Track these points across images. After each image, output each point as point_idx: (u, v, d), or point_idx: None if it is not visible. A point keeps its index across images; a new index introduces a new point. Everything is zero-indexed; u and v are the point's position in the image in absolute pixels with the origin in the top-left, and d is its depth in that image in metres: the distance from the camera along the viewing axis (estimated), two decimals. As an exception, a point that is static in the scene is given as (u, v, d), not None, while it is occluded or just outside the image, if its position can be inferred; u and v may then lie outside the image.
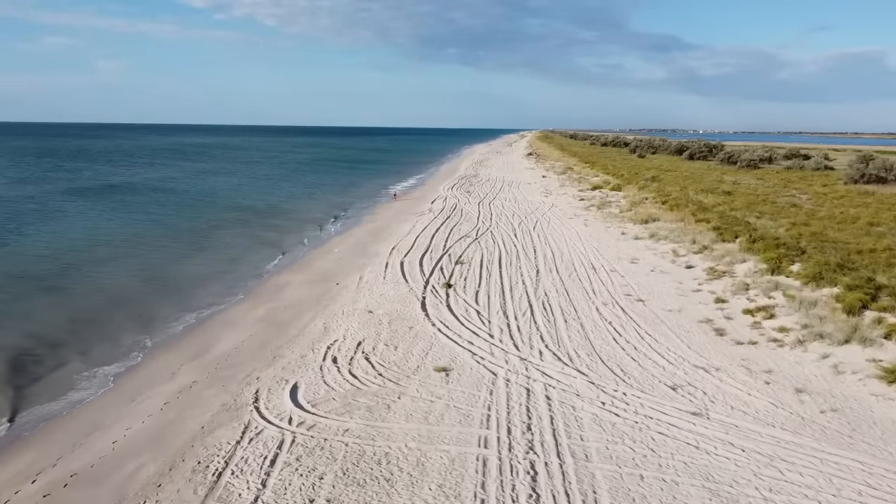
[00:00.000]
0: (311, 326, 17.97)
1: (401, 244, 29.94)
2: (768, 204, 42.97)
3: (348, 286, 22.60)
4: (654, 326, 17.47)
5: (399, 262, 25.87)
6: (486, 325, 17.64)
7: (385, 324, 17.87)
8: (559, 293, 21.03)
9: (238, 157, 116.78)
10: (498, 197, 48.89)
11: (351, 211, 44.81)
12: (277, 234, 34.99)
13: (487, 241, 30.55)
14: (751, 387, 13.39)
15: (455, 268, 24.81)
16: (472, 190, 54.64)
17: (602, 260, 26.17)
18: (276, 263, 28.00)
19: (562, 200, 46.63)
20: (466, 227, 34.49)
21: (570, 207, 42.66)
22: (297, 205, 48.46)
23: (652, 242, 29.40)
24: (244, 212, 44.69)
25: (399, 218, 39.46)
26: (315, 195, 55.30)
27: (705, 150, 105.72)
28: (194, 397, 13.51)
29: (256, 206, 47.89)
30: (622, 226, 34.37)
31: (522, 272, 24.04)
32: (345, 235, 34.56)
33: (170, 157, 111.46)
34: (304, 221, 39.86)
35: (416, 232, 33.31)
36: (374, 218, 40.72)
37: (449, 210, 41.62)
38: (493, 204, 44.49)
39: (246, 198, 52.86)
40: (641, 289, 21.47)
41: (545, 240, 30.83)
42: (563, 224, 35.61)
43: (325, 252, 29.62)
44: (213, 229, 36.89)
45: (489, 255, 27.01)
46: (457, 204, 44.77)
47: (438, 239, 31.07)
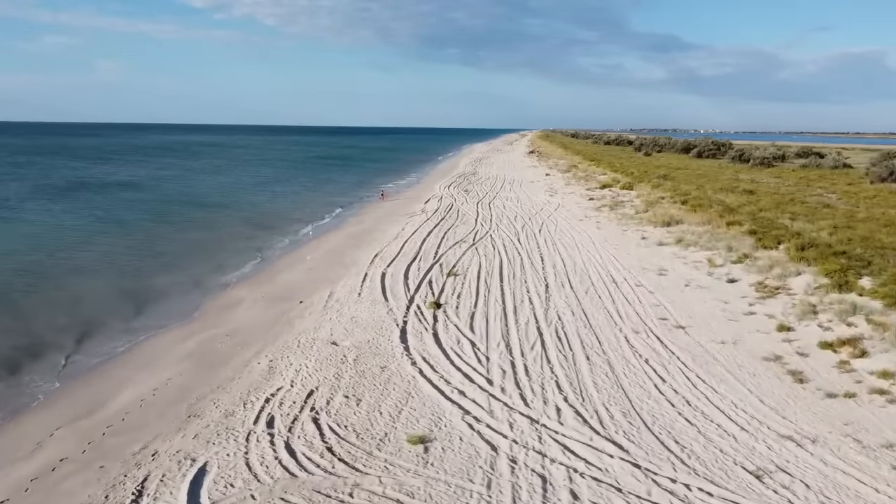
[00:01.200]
0: (252, 365, 13.62)
1: (385, 251, 25.60)
2: (798, 204, 38.66)
3: (313, 305, 18.25)
4: (706, 367, 13.13)
5: (380, 274, 21.54)
6: (483, 365, 13.29)
7: (350, 362, 13.52)
8: (576, 316, 16.69)
9: (230, 156, 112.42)
10: (499, 196, 44.55)
11: (336, 212, 40.45)
12: (247, 239, 30.64)
13: (486, 246, 26.23)
14: (875, 476, 9.05)
15: (447, 281, 20.49)
16: (470, 189, 50.29)
17: (623, 271, 21.84)
18: (237, 274, 23.60)
19: (569, 200, 42.28)
20: (463, 231, 30.15)
21: (579, 208, 38.31)
22: (279, 205, 44.10)
23: (679, 249, 25.05)
24: (219, 212, 40.37)
25: (387, 220, 35.11)
26: (301, 194, 50.96)
27: (713, 148, 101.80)
28: (48, 490, 9.16)
29: (234, 205, 43.57)
30: (641, 229, 30.01)
31: (528, 287, 19.71)
32: (322, 240, 30.18)
33: (156, 155, 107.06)
34: (281, 223, 35.51)
35: (404, 236, 28.98)
36: (359, 220, 36.36)
37: (444, 211, 37.29)
38: (493, 204, 40.16)
39: (226, 197, 48.53)
40: (679, 310, 17.13)
41: (553, 245, 26.49)
42: (573, 227, 31.27)
43: (296, 260, 25.25)
44: (177, 232, 32.57)
45: (488, 265, 22.69)
46: (453, 204, 40.42)
47: (430, 245, 26.74)
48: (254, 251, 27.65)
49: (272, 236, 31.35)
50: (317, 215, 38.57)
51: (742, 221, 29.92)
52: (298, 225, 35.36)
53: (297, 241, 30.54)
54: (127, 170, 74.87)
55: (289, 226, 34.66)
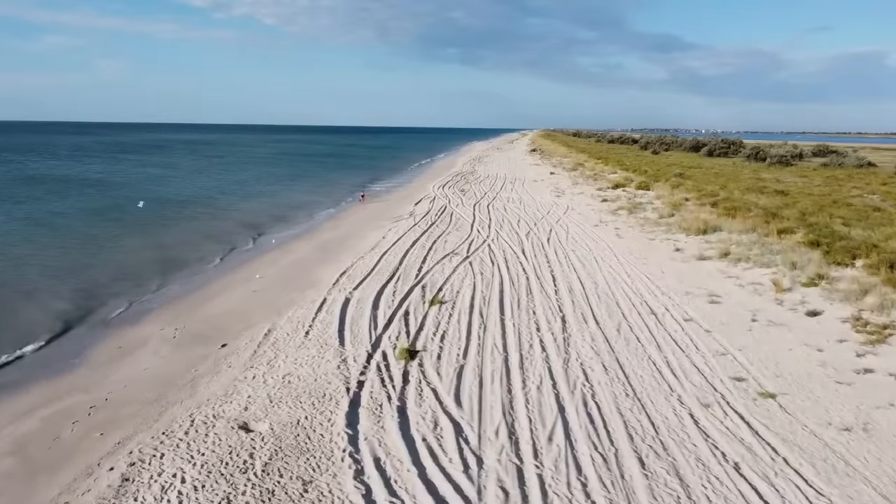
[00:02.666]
0: (95, 478, 8.40)
1: (357, 267, 20.39)
2: (843, 206, 33.55)
3: (239, 352, 13.03)
4: (838, 483, 7.95)
5: (343, 301, 16.34)
6: (472, 479, 8.11)
7: (257, 469, 8.34)
8: (610, 374, 11.50)
9: (218, 152, 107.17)
10: (499, 197, 39.33)
11: (312, 214, 35.20)
12: (194, 247, 25.39)
13: (483, 261, 21.05)
14: None
15: (429, 311, 15.30)
16: (467, 189, 45.06)
17: (662, 296, 16.65)
18: (157, 298, 18.28)
19: (579, 202, 37.07)
20: (456, 239, 24.95)
21: (592, 211, 33.09)
22: (250, 205, 38.85)
23: (727, 265, 19.83)
24: (177, 212, 35.16)
25: (369, 225, 29.89)
26: (279, 194, 45.72)
27: (724, 146, 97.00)
28: None
29: (200, 205, 38.32)
30: (671, 237, 24.80)
31: (539, 321, 14.51)
32: (286, 250, 24.93)
33: (141, 153, 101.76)
34: (243, 228, 30.27)
35: (384, 246, 23.78)
36: (336, 224, 31.10)
37: (436, 214, 32.08)
38: (492, 206, 34.96)
39: (195, 195, 43.29)
40: (756, 363, 11.94)
41: (566, 259, 21.30)
42: (588, 234, 26.07)
43: (241, 279, 19.98)
44: (113, 236, 27.30)
45: (485, 288, 17.50)
46: (446, 206, 35.22)
47: (413, 258, 21.54)
48: (194, 264, 22.38)
49: (226, 244, 26.09)
50: (288, 218, 33.35)
51: (793, 228, 24.77)
52: (263, 228, 30.12)
53: (253, 251, 25.25)
54: (102, 166, 69.63)
55: (251, 231, 29.42)
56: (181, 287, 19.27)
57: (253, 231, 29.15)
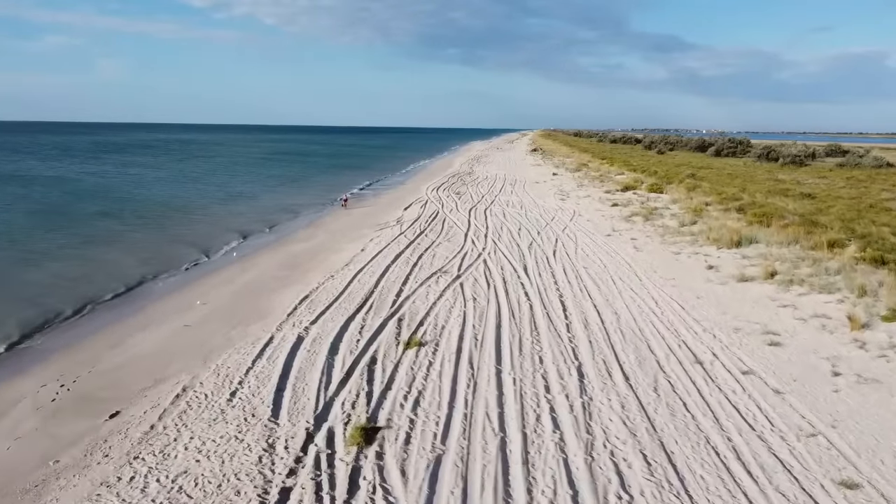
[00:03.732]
0: None
1: (323, 289, 16.70)
2: (883, 212, 30.01)
3: (130, 426, 9.33)
4: None
5: (294, 340, 12.65)
6: None
7: None
8: (657, 475, 7.78)
9: (209, 153, 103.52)
10: (497, 201, 35.64)
11: (288, 221, 31.47)
12: (141, 261, 21.65)
13: (477, 281, 17.35)
14: None
15: (403, 358, 11.63)
16: (463, 191, 41.37)
17: (705, 334, 12.94)
18: (57, 331, 14.50)
19: (586, 206, 33.37)
20: (446, 252, 21.26)
21: (602, 217, 29.39)
22: (222, 210, 35.14)
23: (776, 289, 16.10)
24: (142, 217, 31.51)
25: (348, 234, 26.17)
26: (259, 197, 42.01)
27: (731, 146, 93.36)
28: None
29: (167, 208, 34.65)
30: (699, 250, 21.07)
31: (548, 377, 10.81)
32: (245, 265, 21.19)
33: (126, 153, 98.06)
34: (205, 237, 26.54)
35: (360, 261, 20.08)
36: (311, 233, 27.35)
37: (426, 221, 28.39)
38: (490, 211, 31.26)
39: (167, 197, 39.64)
40: (865, 453, 8.25)
41: (578, 279, 17.61)
42: (600, 246, 22.39)
43: (180, 307, 16.21)
44: (48, 246, 23.59)
45: (478, 320, 13.81)
46: (439, 211, 31.51)
47: (393, 278, 17.84)
48: (129, 284, 18.60)
49: (180, 259, 22.36)
50: (260, 225, 29.61)
51: (842, 240, 21.07)
52: (229, 237, 26.38)
53: (207, 268, 21.47)
54: (77, 166, 65.95)
55: (213, 240, 25.70)
56: (96, 319, 15.45)
57: (217, 241, 25.42)
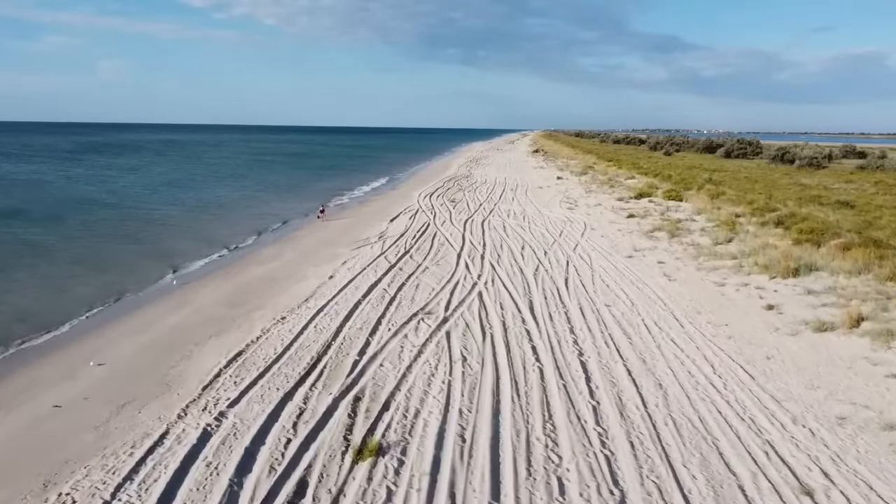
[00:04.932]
0: None
1: (264, 342, 12.58)
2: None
3: None
4: None
5: (197, 436, 8.56)
6: None
7: None
8: None
9: (196, 154, 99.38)
10: (497, 211, 31.51)
11: (253, 237, 27.07)
12: (54, 291, 17.48)
13: (470, 329, 13.23)
14: None
15: (349, 477, 7.53)
16: (459, 198, 37.25)
17: (794, 428, 8.84)
18: None
19: (598, 217, 29.23)
20: (432, 282, 17.13)
21: (618, 231, 25.27)
22: (185, 220, 30.91)
23: (874, 345, 11.92)
24: (88, 225, 27.45)
25: (319, 254, 22.02)
26: (231, 204, 37.85)
27: (741, 147, 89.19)
28: None
29: (125, 214, 30.54)
30: (747, 280, 16.89)
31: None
32: (174, 303, 16.89)
33: (102, 154, 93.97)
34: (153, 255, 22.34)
35: (324, 295, 15.97)
36: (275, 252, 23.11)
37: (413, 237, 24.28)
38: (488, 224, 27.15)
39: (130, 203, 35.56)
40: None
41: (601, 324, 13.50)
42: (622, 273, 18.26)
43: (61, 373, 12.00)
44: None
45: (468, 400, 9.70)
46: (429, 224, 27.40)
47: (360, 322, 13.72)
48: (16, 331, 14.37)
49: (101, 286, 18.11)
50: (220, 241, 25.42)
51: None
52: (178, 258, 22.20)
53: (128, 304, 17.10)
54: (50, 168, 61.80)
55: (158, 262, 21.49)
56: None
57: (160, 264, 21.25)
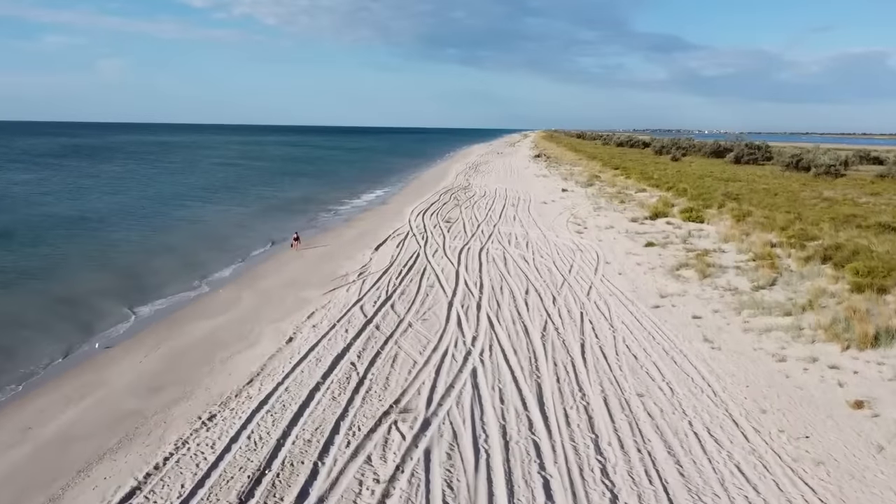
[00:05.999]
0: None
1: (171, 474, 9.02)
2: None
3: None
4: None
5: None
6: None
7: None
8: None
9: (188, 159, 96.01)
10: (497, 235, 27.89)
11: (208, 273, 23.15)
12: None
13: (459, 439, 9.65)
14: None
15: None
16: (455, 216, 33.66)
17: None
18: None
19: (611, 243, 25.60)
20: (415, 352, 13.52)
21: (638, 266, 21.64)
22: (134, 248, 26.93)
23: None
24: (11, 258, 23.81)
25: (283, 302, 18.37)
26: (195, 224, 34.03)
27: (751, 151, 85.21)
28: None
29: (65, 238, 26.90)
30: (814, 353, 13.22)
31: None
32: (76, 390, 13.31)
33: (84, 158, 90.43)
34: (74, 304, 18.62)
35: (273, 376, 12.37)
36: (230, 300, 19.25)
37: (398, 274, 20.66)
38: (487, 254, 23.53)
39: (73, 220, 31.89)
40: None
41: (636, 434, 9.92)
42: (649, 333, 14.65)
43: None
44: None
45: None
46: (419, 253, 23.79)
47: (309, 431, 10.13)
48: None
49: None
50: (170, 280, 21.63)
51: None
52: (106, 309, 18.39)
53: (28, 386, 13.55)
54: (12, 173, 58.15)
55: (86, 314, 17.82)
56: None
57: (91, 315, 17.58)
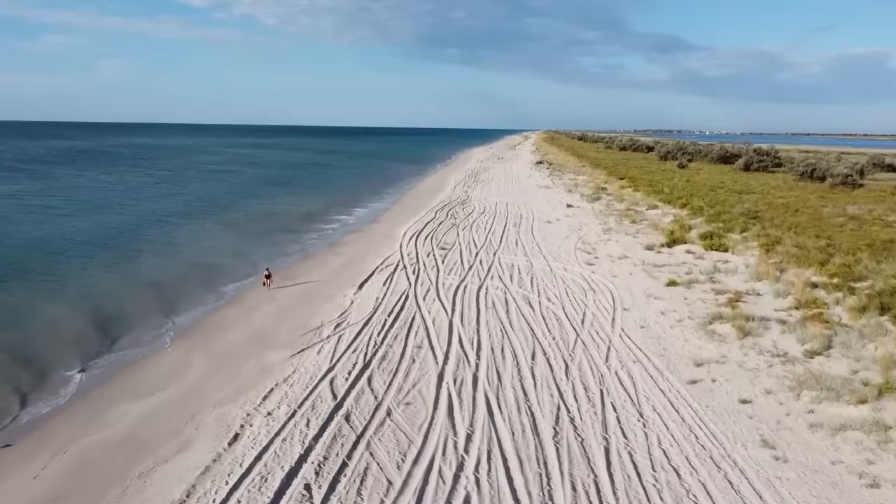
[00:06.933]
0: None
1: None
2: None
3: None
4: None
5: None
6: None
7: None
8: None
9: (174, 167, 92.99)
10: (497, 267, 24.67)
11: (160, 329, 19.69)
12: None
13: None
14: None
15: None
16: (451, 241, 30.47)
17: None
18: None
19: (627, 280, 22.40)
20: (391, 465, 10.31)
21: (663, 316, 18.43)
22: (69, 294, 23.19)
23: None
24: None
25: (236, 371, 15.13)
26: (172, 256, 30.62)
27: (759, 158, 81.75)
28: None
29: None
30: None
31: None
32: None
33: (67, 164, 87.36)
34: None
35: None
36: (174, 368, 15.73)
37: (381, 327, 17.46)
38: (485, 297, 20.31)
39: (31, 268, 28.22)
40: None
41: None
42: (688, 429, 11.48)
43: None
44: None
45: None
46: (408, 294, 20.60)
47: None
48: None
49: None
50: (107, 342, 18.14)
51: None
52: (24, 387, 15.08)
53: None
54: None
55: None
56: None
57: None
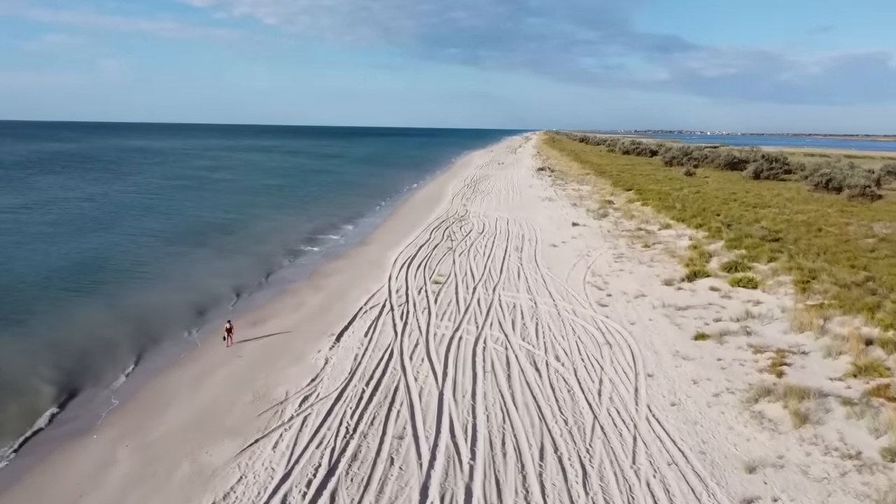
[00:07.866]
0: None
1: None
2: None
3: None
4: None
5: None
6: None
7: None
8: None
9: (159, 172, 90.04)
10: (497, 309, 21.42)
11: (84, 405, 16.36)
12: None
13: None
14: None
15: None
16: (445, 272, 27.27)
17: None
18: None
19: (648, 330, 19.19)
20: None
21: (695, 388, 15.25)
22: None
23: None
24: None
25: (155, 486, 12.00)
26: (125, 298, 27.02)
27: (769, 165, 78.21)
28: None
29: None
30: None
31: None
32: None
33: (51, 172, 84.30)
34: None
35: None
36: (79, 485, 12.78)
37: (358, 400, 14.29)
38: (484, 352, 17.10)
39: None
40: None
41: None
42: None
43: None
44: None
45: None
46: (393, 349, 17.39)
47: None
48: None
49: None
50: (26, 415, 15.15)
51: None
52: None
53: None
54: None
55: None
56: None
57: None
